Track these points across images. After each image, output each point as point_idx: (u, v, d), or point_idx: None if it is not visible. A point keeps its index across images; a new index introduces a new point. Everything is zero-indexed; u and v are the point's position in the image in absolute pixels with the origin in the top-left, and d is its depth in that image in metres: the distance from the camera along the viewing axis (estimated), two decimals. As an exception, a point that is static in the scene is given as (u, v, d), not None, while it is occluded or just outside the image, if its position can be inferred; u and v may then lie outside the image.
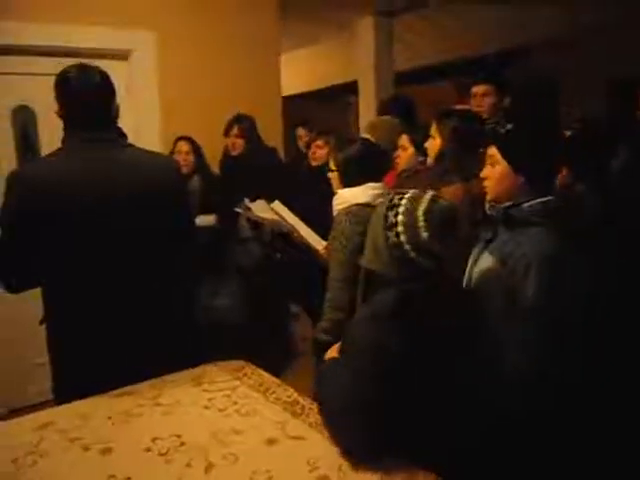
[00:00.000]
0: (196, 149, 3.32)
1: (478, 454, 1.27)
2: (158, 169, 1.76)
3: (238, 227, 3.30)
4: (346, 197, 2.03)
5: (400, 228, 1.29)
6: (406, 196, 1.34)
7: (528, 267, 1.37)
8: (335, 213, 2.07)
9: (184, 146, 3.28)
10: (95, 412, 1.49)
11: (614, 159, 1.89)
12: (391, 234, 1.30)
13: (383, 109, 3.37)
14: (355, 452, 1.25)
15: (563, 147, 1.84)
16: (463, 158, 1.92)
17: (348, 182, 2.05)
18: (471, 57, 6.00)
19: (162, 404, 1.53)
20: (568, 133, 2.03)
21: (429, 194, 1.34)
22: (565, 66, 5.69)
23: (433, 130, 2.13)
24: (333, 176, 2.13)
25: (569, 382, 1.34)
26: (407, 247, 1.28)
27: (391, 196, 1.37)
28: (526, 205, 1.46)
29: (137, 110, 3.36)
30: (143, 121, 3.39)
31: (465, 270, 1.60)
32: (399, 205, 1.31)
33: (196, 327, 2.02)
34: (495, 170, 1.51)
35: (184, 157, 3.21)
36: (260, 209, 2.82)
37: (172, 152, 3.26)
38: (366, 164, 2.06)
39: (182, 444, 1.33)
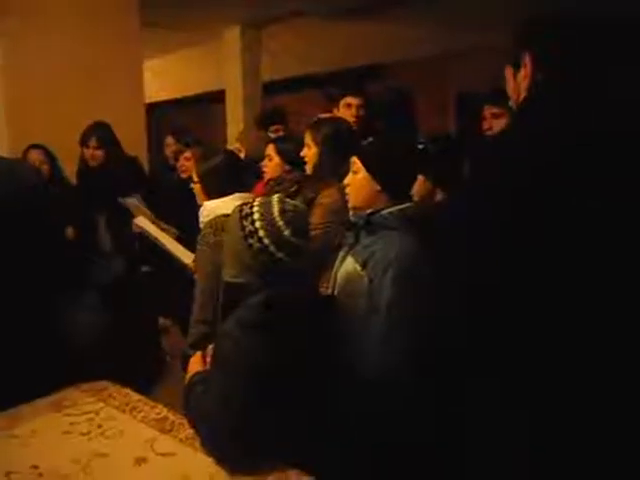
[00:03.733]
0: (50, 158, 3.10)
1: (343, 454, 1.32)
2: (13, 179, 1.62)
3: (98, 240, 3.13)
4: (212, 208, 2.01)
5: (261, 232, 1.33)
6: (255, 203, 1.39)
7: (386, 269, 1.46)
8: (201, 225, 2.04)
9: (37, 155, 3.05)
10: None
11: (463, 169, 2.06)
12: (253, 241, 1.34)
13: (258, 122, 3.44)
14: (229, 460, 1.25)
15: (418, 158, 1.98)
16: (338, 163, 1.98)
17: (211, 194, 2.03)
18: (335, 70, 6.26)
19: (18, 435, 1.41)
20: (420, 146, 2.19)
21: (275, 197, 1.41)
22: (421, 83, 6.13)
23: (308, 139, 2.18)
24: (196, 188, 2.09)
25: (427, 383, 1.42)
26: (272, 248, 1.33)
27: (240, 207, 1.41)
28: (385, 212, 1.55)
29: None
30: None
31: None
32: (252, 213, 1.36)
33: (54, 347, 1.88)
34: (356, 178, 1.59)
35: (37, 167, 2.98)
36: (133, 209, 2.72)
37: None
38: (228, 175, 2.04)
39: (40, 475, 1.24)
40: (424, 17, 5.15)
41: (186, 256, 2.45)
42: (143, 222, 2.64)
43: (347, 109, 2.74)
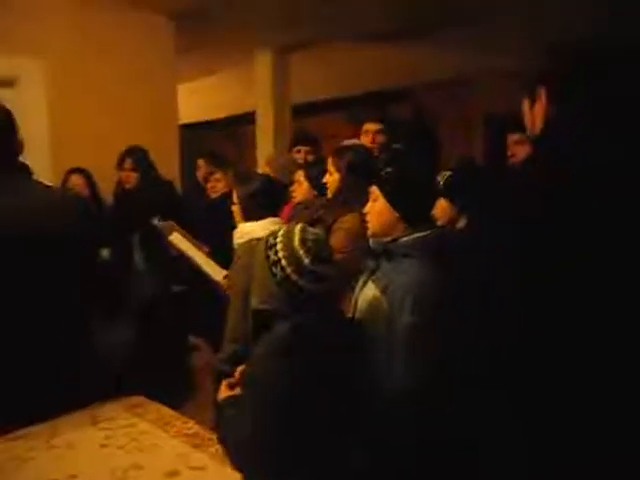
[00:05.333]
0: (90, 182, 3.26)
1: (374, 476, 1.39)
2: (61, 212, 1.74)
3: (133, 261, 3.27)
4: (246, 231, 2.13)
5: (284, 262, 1.43)
6: (280, 233, 1.49)
7: (404, 295, 1.53)
8: (236, 247, 2.15)
9: (78, 180, 3.22)
10: (-16, 459, 1.45)
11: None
12: (277, 270, 1.43)
13: (290, 146, 3.55)
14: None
15: (438, 186, 2.06)
16: (359, 190, 2.06)
17: (249, 216, 2.15)
18: (361, 93, 6.37)
19: (57, 446, 1.52)
20: (447, 173, 2.25)
21: (298, 226, 1.50)
22: (447, 105, 6.20)
23: (330, 165, 2.28)
24: (235, 209, 2.22)
25: (443, 405, 1.48)
26: (294, 277, 1.42)
27: (266, 238, 1.51)
28: (404, 239, 1.62)
29: (24, 141, 3.25)
30: (31, 153, 3.27)
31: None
32: (276, 243, 1.46)
33: (92, 364, 1.99)
34: (375, 205, 1.68)
35: (78, 191, 3.14)
36: (168, 230, 2.86)
37: (64, 185, 3.18)
38: (266, 199, 2.18)
39: (80, 484, 1.33)
40: (448, 42, 5.23)
41: (217, 273, 2.57)
42: (177, 239, 2.78)
43: (365, 135, 2.82)
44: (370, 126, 2.81)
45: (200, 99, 7.39)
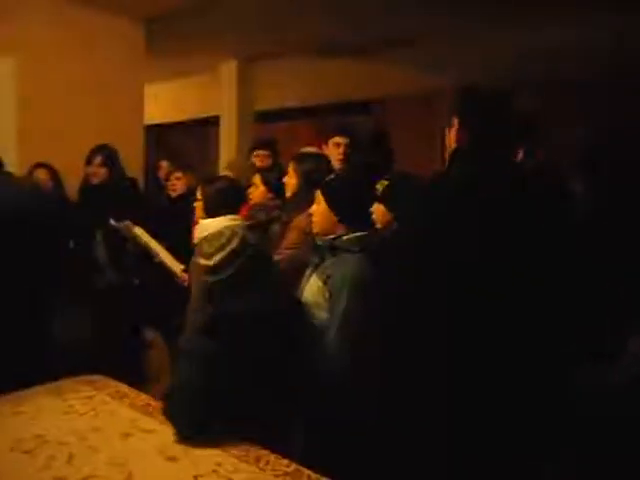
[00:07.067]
0: (54, 177, 3.37)
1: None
2: (24, 197, 1.89)
3: (95, 255, 3.39)
4: (208, 226, 2.33)
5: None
6: None
7: (343, 285, 1.77)
8: (196, 240, 2.35)
9: (42, 173, 3.31)
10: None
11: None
12: None
13: (252, 148, 3.73)
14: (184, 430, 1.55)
15: (374, 193, 2.31)
16: (313, 194, 2.29)
17: (211, 212, 2.36)
18: (326, 103, 6.62)
19: (23, 412, 1.67)
20: (385, 182, 2.49)
21: None
22: (408, 118, 6.48)
23: (291, 169, 2.50)
24: (198, 205, 2.41)
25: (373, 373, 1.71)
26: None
27: None
28: (345, 237, 1.86)
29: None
30: (-2, 146, 3.38)
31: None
32: None
33: (53, 344, 2.14)
34: (319, 208, 1.91)
35: (42, 185, 3.24)
36: (126, 228, 3.02)
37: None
38: (229, 198, 2.39)
39: (45, 442, 1.50)
40: (410, 58, 5.52)
41: (176, 266, 2.77)
42: (141, 232, 2.96)
43: (336, 148, 3.02)
44: (341, 139, 2.98)
45: (166, 101, 7.50)
